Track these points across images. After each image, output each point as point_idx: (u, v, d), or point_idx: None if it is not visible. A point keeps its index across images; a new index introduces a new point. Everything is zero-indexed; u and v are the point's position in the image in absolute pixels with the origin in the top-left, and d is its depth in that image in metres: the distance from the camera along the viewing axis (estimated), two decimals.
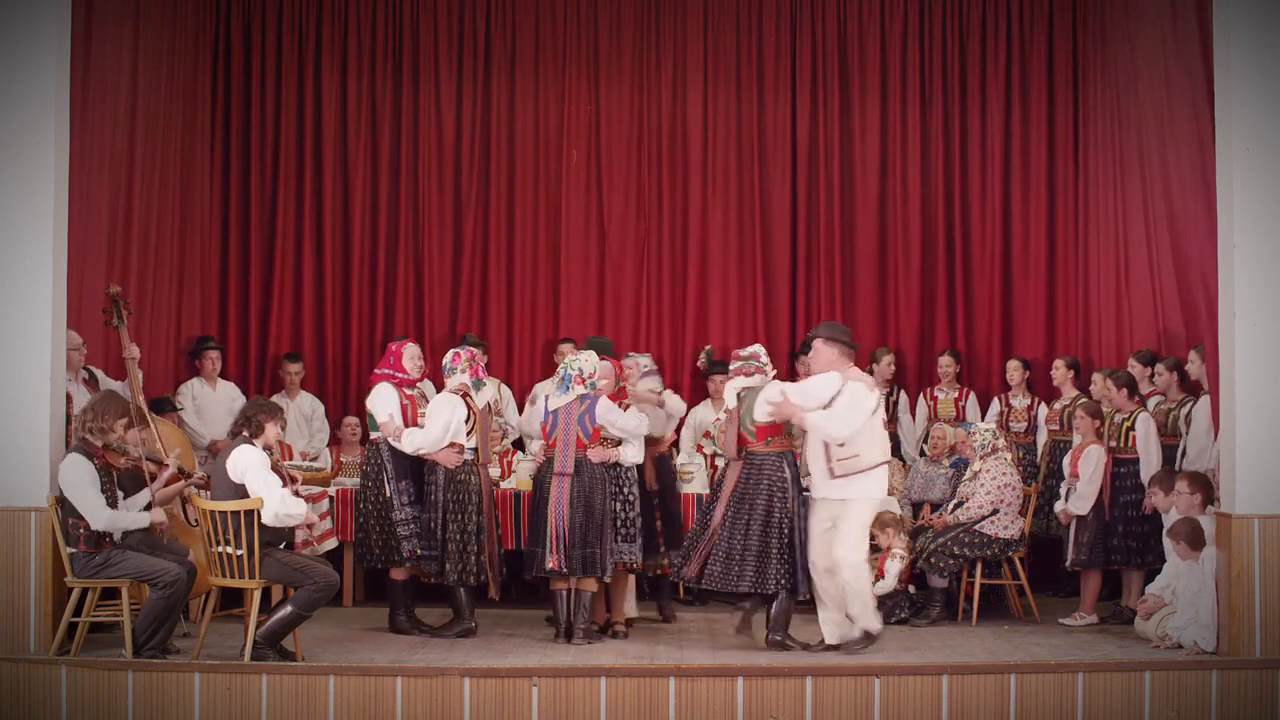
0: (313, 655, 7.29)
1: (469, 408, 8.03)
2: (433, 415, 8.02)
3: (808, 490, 7.71)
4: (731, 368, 7.94)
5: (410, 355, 8.25)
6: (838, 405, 7.47)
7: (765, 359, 7.88)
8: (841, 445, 7.45)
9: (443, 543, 7.92)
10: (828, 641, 7.61)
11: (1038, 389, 10.34)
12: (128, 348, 8.51)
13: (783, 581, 7.57)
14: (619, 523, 7.98)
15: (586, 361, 7.98)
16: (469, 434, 8.00)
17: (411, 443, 8.01)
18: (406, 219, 10.83)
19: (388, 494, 8.09)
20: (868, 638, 7.53)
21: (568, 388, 7.94)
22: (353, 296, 10.78)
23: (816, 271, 10.91)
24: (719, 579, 7.63)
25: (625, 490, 8.01)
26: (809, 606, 7.85)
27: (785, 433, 7.69)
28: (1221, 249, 7.47)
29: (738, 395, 7.79)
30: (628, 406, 8.12)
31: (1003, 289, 10.93)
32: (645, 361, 8.67)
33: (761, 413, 7.62)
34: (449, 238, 10.86)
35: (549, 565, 7.75)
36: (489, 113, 10.88)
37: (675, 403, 8.56)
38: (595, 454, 7.87)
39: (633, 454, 8.02)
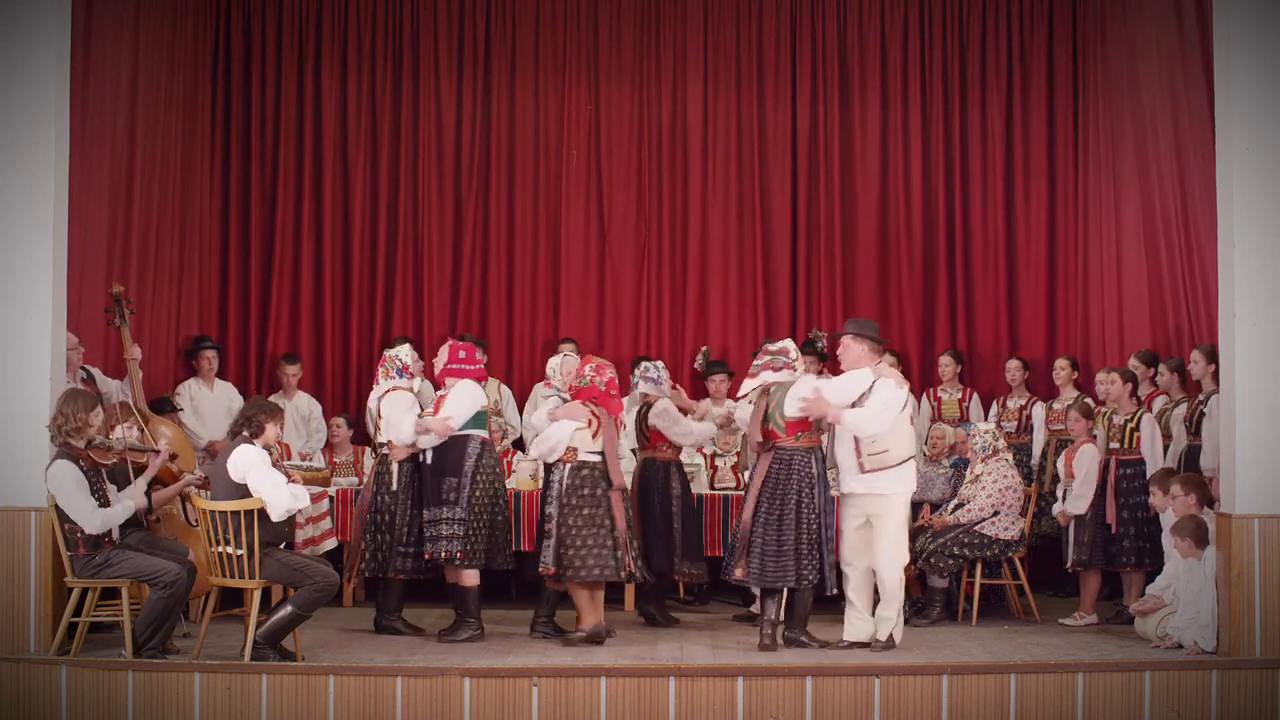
0: (313, 655, 7.29)
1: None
2: None
3: (834, 486, 7.71)
4: (759, 361, 7.82)
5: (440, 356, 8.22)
6: (870, 402, 7.48)
7: (795, 354, 7.81)
8: (873, 441, 7.47)
9: None
10: (849, 639, 7.61)
11: (1038, 389, 10.34)
12: (129, 348, 8.51)
13: (810, 577, 7.50)
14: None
15: (546, 367, 8.32)
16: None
17: None
18: (406, 219, 10.83)
19: None
20: (891, 642, 7.55)
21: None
22: (352, 296, 10.78)
23: (817, 271, 10.91)
24: (758, 577, 7.54)
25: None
26: (831, 605, 7.88)
27: (815, 428, 7.63)
28: (1221, 249, 7.46)
29: (767, 389, 7.68)
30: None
31: (1005, 288, 10.92)
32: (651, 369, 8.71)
33: (793, 408, 7.55)
34: (449, 238, 10.86)
35: None
36: (489, 113, 10.87)
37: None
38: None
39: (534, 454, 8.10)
